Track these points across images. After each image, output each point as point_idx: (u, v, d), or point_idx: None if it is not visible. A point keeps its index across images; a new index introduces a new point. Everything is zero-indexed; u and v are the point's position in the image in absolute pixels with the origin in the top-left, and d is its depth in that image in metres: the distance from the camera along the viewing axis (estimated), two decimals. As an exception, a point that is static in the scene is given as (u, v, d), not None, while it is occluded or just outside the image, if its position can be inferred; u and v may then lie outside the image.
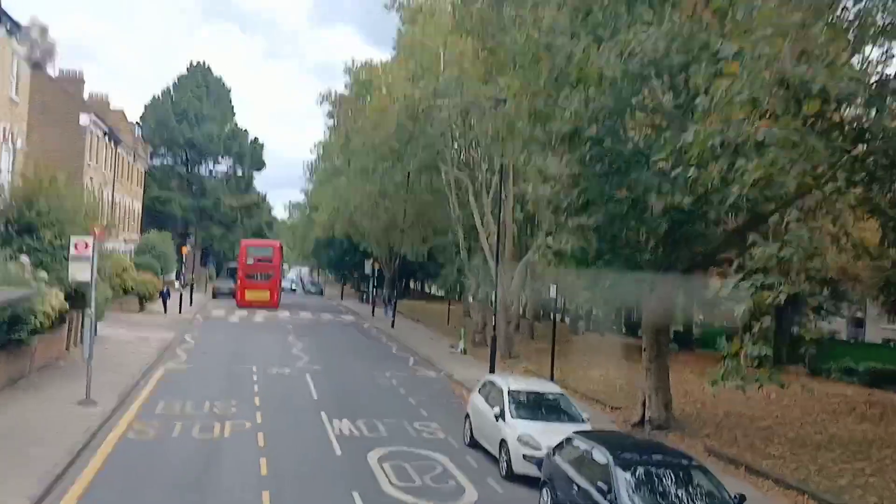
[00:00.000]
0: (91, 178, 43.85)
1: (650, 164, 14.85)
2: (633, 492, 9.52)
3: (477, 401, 16.31)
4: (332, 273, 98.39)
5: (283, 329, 38.89)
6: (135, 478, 12.72)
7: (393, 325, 42.67)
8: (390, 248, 50.45)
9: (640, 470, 9.96)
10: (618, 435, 12.85)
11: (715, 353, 32.28)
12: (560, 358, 32.88)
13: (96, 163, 46.18)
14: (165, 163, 77.44)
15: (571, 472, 10.77)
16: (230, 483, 12.80)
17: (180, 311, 42.26)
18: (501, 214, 26.56)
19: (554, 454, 11.70)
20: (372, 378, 24.80)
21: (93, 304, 17.69)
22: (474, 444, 16.02)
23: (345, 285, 77.84)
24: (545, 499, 11.45)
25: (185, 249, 47.54)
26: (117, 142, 51.86)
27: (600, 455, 10.40)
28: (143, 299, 41.87)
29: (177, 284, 44.48)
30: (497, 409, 14.72)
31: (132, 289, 40.81)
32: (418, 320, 48.69)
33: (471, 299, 42.64)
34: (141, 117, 72.12)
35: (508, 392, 15.11)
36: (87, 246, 17.79)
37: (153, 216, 69.81)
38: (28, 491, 11.10)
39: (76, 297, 20.94)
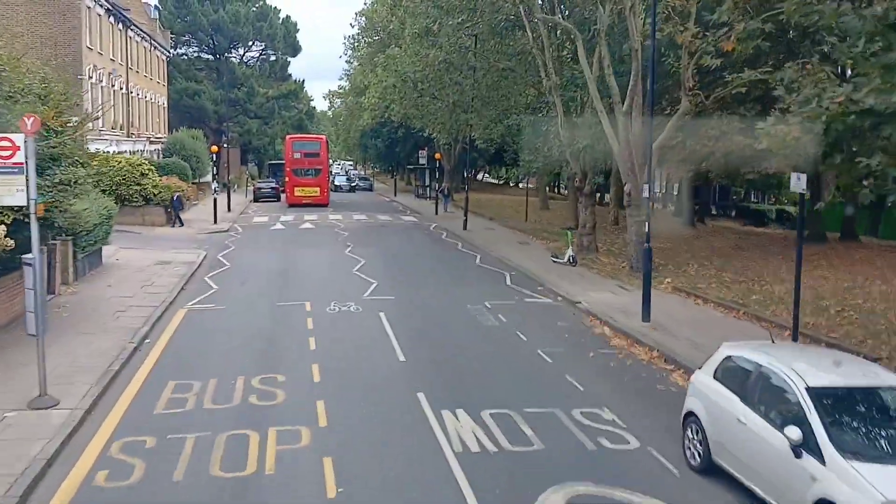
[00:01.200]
0: (93, 66, 36.41)
1: None
2: None
3: (715, 395, 8.92)
4: (378, 166, 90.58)
5: (336, 238, 31.92)
6: None
7: (465, 227, 35.37)
8: (456, 131, 42.14)
9: None
10: None
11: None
12: (696, 264, 25.13)
13: (100, 48, 38.59)
14: (190, 51, 69.36)
15: None
16: None
17: (215, 221, 35.68)
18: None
19: None
20: (468, 312, 17.69)
21: (35, 244, 10.64)
22: (710, 467, 8.88)
23: (395, 179, 70.45)
24: None
25: (215, 148, 40.21)
26: (126, 23, 43.98)
27: None
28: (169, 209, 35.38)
29: (213, 187, 37.85)
30: (794, 432, 7.28)
31: (155, 197, 34.34)
32: (491, 218, 41.30)
33: (562, 190, 34.88)
34: (158, -1, 63.72)
35: (809, 392, 7.58)
36: (13, 148, 10.57)
37: (182, 112, 62.69)
38: None
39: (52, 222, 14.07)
